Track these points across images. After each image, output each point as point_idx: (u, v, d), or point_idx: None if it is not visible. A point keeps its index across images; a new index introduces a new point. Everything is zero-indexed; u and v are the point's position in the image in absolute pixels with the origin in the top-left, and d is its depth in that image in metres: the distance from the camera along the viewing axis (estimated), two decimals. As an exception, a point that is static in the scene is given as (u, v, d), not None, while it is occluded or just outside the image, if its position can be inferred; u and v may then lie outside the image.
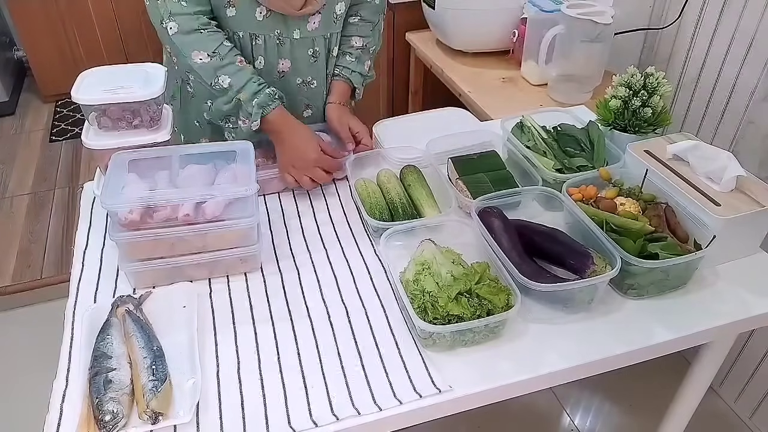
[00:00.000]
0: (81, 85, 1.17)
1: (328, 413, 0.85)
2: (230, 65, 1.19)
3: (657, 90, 1.26)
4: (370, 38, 1.40)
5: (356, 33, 1.38)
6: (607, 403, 1.96)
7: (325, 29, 1.32)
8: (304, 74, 1.35)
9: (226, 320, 1.00)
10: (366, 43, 1.39)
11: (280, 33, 1.27)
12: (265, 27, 1.25)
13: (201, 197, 1.01)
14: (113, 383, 0.85)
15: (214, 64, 1.18)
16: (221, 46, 1.19)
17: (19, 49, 3.77)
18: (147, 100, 1.13)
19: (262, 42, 1.27)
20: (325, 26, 1.31)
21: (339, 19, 1.33)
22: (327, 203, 1.26)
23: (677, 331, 0.99)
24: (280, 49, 1.29)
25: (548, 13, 1.82)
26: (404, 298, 0.94)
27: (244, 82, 1.20)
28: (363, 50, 1.40)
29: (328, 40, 1.34)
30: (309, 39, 1.31)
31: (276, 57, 1.30)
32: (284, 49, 1.29)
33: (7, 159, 3.17)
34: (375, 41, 1.42)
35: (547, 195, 1.18)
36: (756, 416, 1.83)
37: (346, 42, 1.38)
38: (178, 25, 1.17)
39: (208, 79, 1.20)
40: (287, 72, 1.33)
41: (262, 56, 1.29)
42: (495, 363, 0.93)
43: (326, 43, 1.34)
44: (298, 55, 1.32)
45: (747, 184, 1.10)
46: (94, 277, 1.09)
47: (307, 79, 1.36)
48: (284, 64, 1.32)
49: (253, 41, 1.26)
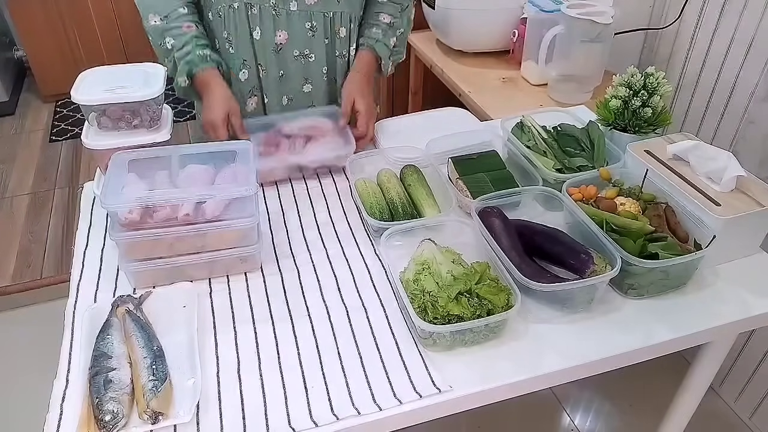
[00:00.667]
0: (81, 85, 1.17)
1: (328, 413, 0.85)
2: (176, 28, 1.26)
3: (657, 90, 1.26)
4: (398, 19, 1.41)
5: (384, 11, 1.40)
6: (607, 403, 1.96)
7: (324, 5, 1.32)
8: (301, 47, 1.35)
9: (226, 320, 1.00)
10: (393, 22, 1.41)
11: (275, 3, 1.28)
12: None
13: (200, 197, 1.01)
14: (113, 383, 0.85)
15: (163, 26, 1.27)
16: (174, 11, 1.26)
17: (19, 49, 3.77)
18: (147, 100, 1.13)
19: (258, 12, 1.29)
20: (324, 3, 1.31)
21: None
22: (327, 203, 1.26)
23: (677, 331, 0.99)
24: (276, 21, 1.30)
25: (548, 13, 1.82)
26: (404, 297, 0.94)
27: (182, 44, 1.26)
28: (390, 27, 1.41)
29: (330, 19, 1.34)
30: (306, 12, 1.31)
31: (273, 28, 1.31)
32: (281, 21, 1.30)
33: (7, 159, 3.17)
34: (403, 24, 1.43)
35: (547, 195, 1.18)
36: (756, 416, 1.83)
37: (373, 17, 1.41)
38: None
39: (158, 39, 1.28)
40: (284, 44, 1.34)
41: (258, 26, 1.30)
42: (495, 363, 0.93)
43: (327, 21, 1.34)
44: (296, 28, 1.32)
45: (747, 184, 1.10)
46: (94, 277, 1.09)
47: (304, 52, 1.36)
48: (281, 35, 1.32)
49: (249, 11, 1.29)
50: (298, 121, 1.35)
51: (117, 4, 3.42)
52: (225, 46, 1.35)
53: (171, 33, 1.26)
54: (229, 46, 1.34)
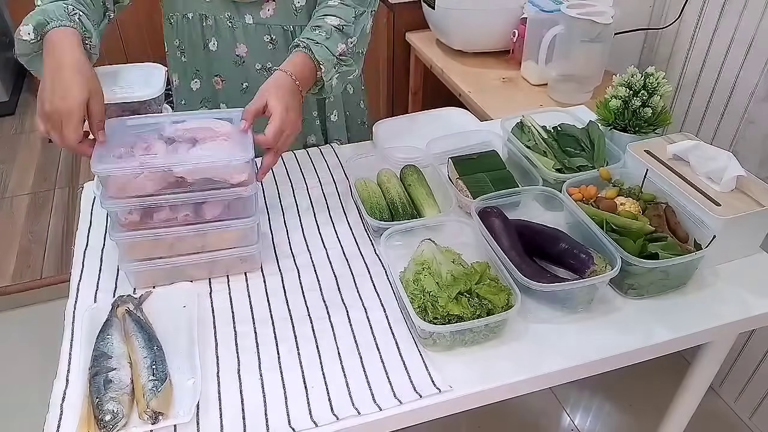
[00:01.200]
0: (81, 85, 1.16)
1: (328, 413, 0.85)
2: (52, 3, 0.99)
3: (657, 90, 1.26)
4: (351, 25, 1.18)
5: (333, 13, 1.18)
6: (607, 403, 1.96)
7: (283, 20, 1.25)
8: (263, 60, 1.30)
9: (226, 320, 1.00)
10: (343, 26, 1.16)
11: (230, 16, 1.24)
12: (214, 8, 1.23)
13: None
14: (113, 383, 0.85)
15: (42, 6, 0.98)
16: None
17: (19, 49, 3.77)
18: (147, 100, 1.13)
19: (213, 23, 1.25)
20: (282, 16, 1.24)
21: (300, 12, 1.25)
22: (327, 203, 1.26)
23: (677, 331, 0.99)
24: (234, 33, 1.26)
25: (548, 13, 1.82)
26: (404, 297, 0.94)
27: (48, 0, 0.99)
28: (338, 30, 1.16)
29: (291, 32, 1.27)
30: (264, 26, 1.25)
31: (231, 40, 1.27)
32: (238, 33, 1.26)
33: (7, 159, 3.17)
34: (356, 32, 1.19)
35: (547, 195, 1.18)
36: (756, 416, 1.83)
37: (319, 19, 1.17)
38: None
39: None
40: (245, 56, 1.30)
41: (214, 38, 1.27)
42: (495, 363, 0.93)
43: (288, 34, 1.28)
44: (254, 41, 1.27)
45: (747, 184, 1.10)
46: (94, 277, 1.09)
47: (266, 66, 1.31)
48: (241, 48, 1.28)
49: (204, 22, 1.25)
50: (187, 123, 1.03)
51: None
52: (176, 54, 1.32)
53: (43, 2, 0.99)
54: (181, 54, 1.31)
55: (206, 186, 0.98)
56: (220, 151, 0.98)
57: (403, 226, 1.10)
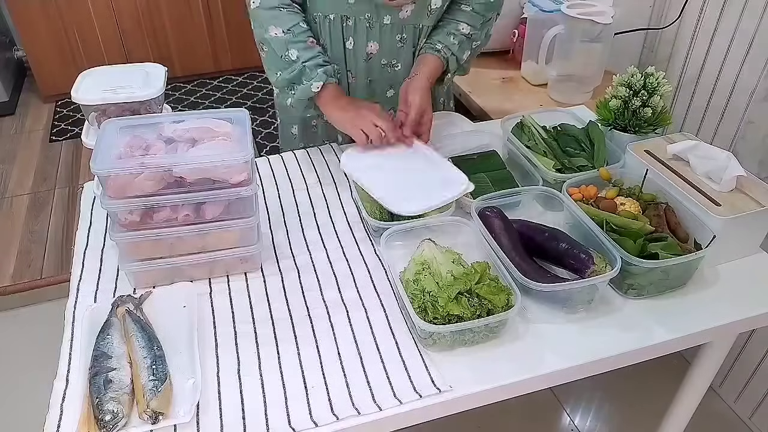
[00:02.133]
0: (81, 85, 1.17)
1: (328, 413, 0.85)
2: (301, 42, 1.25)
3: (657, 90, 1.26)
4: (478, 32, 1.35)
5: (465, 20, 1.33)
6: (607, 403, 1.96)
7: (417, 19, 1.31)
8: (389, 57, 1.36)
9: (226, 320, 1.00)
10: (472, 34, 1.34)
11: (370, 17, 1.29)
12: (357, 10, 1.28)
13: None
14: (113, 383, 0.85)
15: (287, 38, 1.25)
16: (296, 26, 1.25)
17: (19, 49, 3.77)
18: (147, 100, 1.13)
19: (353, 24, 1.30)
20: (416, 16, 1.31)
21: (433, 13, 1.31)
22: (327, 203, 1.26)
23: (677, 331, 0.99)
24: (369, 32, 1.31)
25: (548, 13, 1.82)
26: (404, 298, 0.94)
27: (311, 55, 1.25)
28: (468, 38, 1.34)
29: (420, 30, 1.34)
30: (399, 25, 1.31)
31: (365, 39, 1.32)
32: (373, 32, 1.31)
33: (7, 159, 3.17)
34: (480, 37, 1.37)
35: (547, 195, 1.18)
36: (756, 416, 1.83)
37: (453, 24, 1.33)
38: (260, 1, 1.24)
39: (279, 51, 1.26)
40: (374, 54, 1.35)
41: (352, 37, 1.32)
42: (495, 363, 0.93)
43: (417, 32, 1.34)
44: (387, 39, 1.33)
45: (747, 184, 1.10)
46: (94, 277, 1.09)
47: (392, 62, 1.37)
48: (373, 46, 1.34)
49: (344, 23, 1.30)
50: (186, 123, 1.04)
51: (117, 4, 3.42)
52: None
53: (296, 45, 1.25)
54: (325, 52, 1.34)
55: (206, 186, 0.98)
56: (220, 151, 0.98)
57: (403, 226, 1.10)
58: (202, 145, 1.00)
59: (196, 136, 1.01)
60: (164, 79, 1.19)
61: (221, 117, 1.05)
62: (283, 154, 1.42)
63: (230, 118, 1.05)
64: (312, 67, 1.24)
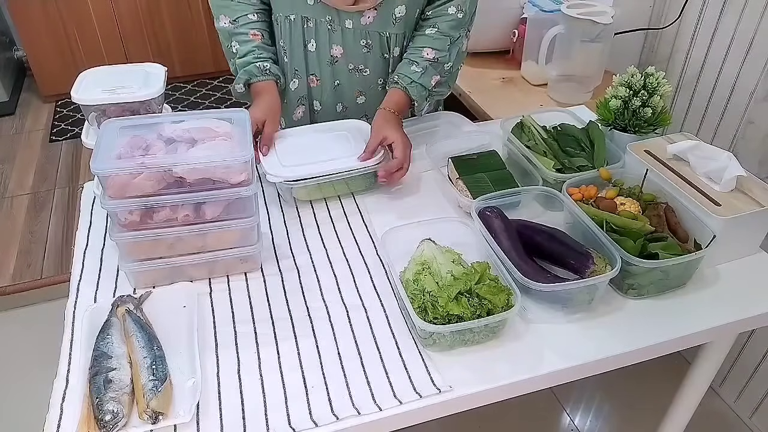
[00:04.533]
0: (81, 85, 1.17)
1: (328, 413, 0.85)
2: (243, 35, 1.30)
3: (657, 90, 1.26)
4: (445, 54, 1.31)
5: (429, 45, 1.30)
6: (607, 403, 1.96)
7: (381, 27, 1.30)
8: (356, 61, 1.36)
9: (226, 320, 1.00)
10: (438, 57, 1.30)
11: (331, 20, 1.29)
12: (316, 12, 1.28)
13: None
14: (113, 383, 0.85)
15: (231, 30, 1.30)
16: (243, 17, 1.29)
17: (19, 49, 3.77)
18: (147, 100, 1.13)
19: (314, 26, 1.30)
20: (380, 24, 1.30)
21: (398, 21, 1.30)
22: (327, 203, 1.26)
23: (677, 331, 0.98)
24: (331, 35, 1.31)
25: (548, 13, 1.82)
26: (404, 297, 0.94)
27: (245, 51, 1.30)
28: (433, 63, 1.30)
29: (387, 38, 1.32)
30: (362, 31, 1.31)
31: (328, 42, 1.32)
32: (336, 36, 1.31)
33: (7, 159, 3.17)
34: (451, 58, 1.32)
35: (547, 195, 1.18)
36: (756, 416, 1.83)
37: (416, 52, 1.31)
38: None
39: (225, 41, 1.32)
40: (339, 57, 1.35)
41: (313, 39, 1.32)
42: (495, 363, 0.93)
43: (383, 40, 1.33)
44: (351, 44, 1.33)
45: (747, 184, 1.10)
46: (94, 277, 1.09)
47: (359, 67, 1.37)
48: (336, 49, 1.33)
49: (305, 24, 1.30)
50: (186, 123, 1.04)
51: (117, 4, 3.42)
52: (281, 54, 1.37)
53: (237, 38, 1.30)
54: (284, 54, 1.36)
55: (206, 186, 0.98)
56: (220, 151, 0.98)
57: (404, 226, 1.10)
58: (202, 145, 1.00)
59: (196, 136, 1.01)
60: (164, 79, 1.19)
61: (221, 117, 1.05)
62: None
63: (230, 118, 1.05)
64: (240, 66, 1.30)
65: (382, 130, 1.25)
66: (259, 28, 1.31)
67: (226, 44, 1.32)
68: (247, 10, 1.30)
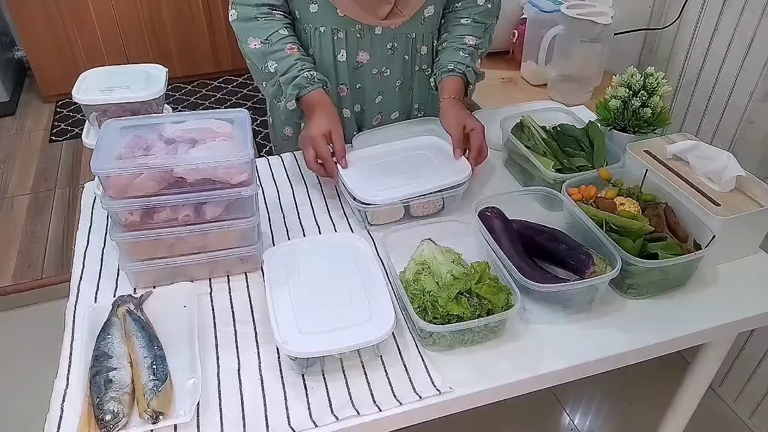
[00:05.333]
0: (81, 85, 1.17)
1: (327, 413, 0.85)
2: (279, 51, 1.25)
3: (657, 90, 1.26)
4: (483, 39, 1.38)
5: (469, 33, 1.36)
6: (607, 403, 1.96)
7: (410, 29, 1.33)
8: (379, 65, 1.37)
9: (226, 320, 1.00)
10: (478, 44, 1.36)
11: (360, 28, 1.29)
12: (347, 23, 1.28)
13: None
14: (114, 383, 0.85)
15: (265, 50, 1.25)
16: (274, 33, 1.25)
17: (19, 49, 3.78)
18: (147, 100, 1.13)
19: (344, 36, 1.30)
20: (409, 26, 1.32)
21: (426, 21, 1.33)
22: (327, 203, 1.26)
23: (677, 331, 0.99)
24: (360, 42, 1.32)
25: (548, 14, 1.82)
26: (404, 297, 0.94)
27: (286, 67, 1.25)
28: (476, 49, 1.36)
29: (413, 39, 1.35)
30: (390, 34, 1.32)
31: (356, 49, 1.33)
32: (364, 42, 1.32)
33: (7, 159, 3.17)
34: (486, 42, 1.40)
35: (547, 195, 1.18)
36: (756, 416, 1.83)
37: (459, 39, 1.35)
38: (237, 13, 1.26)
39: (259, 63, 1.27)
40: (365, 63, 1.36)
41: (343, 49, 1.32)
42: (495, 363, 0.93)
43: (410, 41, 1.35)
44: (377, 48, 1.34)
45: (747, 184, 1.10)
46: (94, 277, 1.09)
47: (381, 69, 1.38)
48: (363, 56, 1.34)
49: (335, 35, 1.30)
50: (187, 123, 1.05)
51: (117, 4, 3.42)
52: None
53: (273, 56, 1.25)
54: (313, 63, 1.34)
55: (207, 186, 0.98)
56: (220, 151, 0.99)
57: (404, 226, 1.10)
58: (203, 146, 1.00)
59: (197, 136, 1.01)
60: (165, 80, 1.19)
61: (222, 117, 1.05)
62: (283, 155, 1.43)
63: (231, 118, 1.05)
64: (286, 82, 1.24)
65: (461, 119, 1.25)
66: (293, 41, 1.27)
67: (260, 66, 1.26)
68: (276, 26, 1.26)
